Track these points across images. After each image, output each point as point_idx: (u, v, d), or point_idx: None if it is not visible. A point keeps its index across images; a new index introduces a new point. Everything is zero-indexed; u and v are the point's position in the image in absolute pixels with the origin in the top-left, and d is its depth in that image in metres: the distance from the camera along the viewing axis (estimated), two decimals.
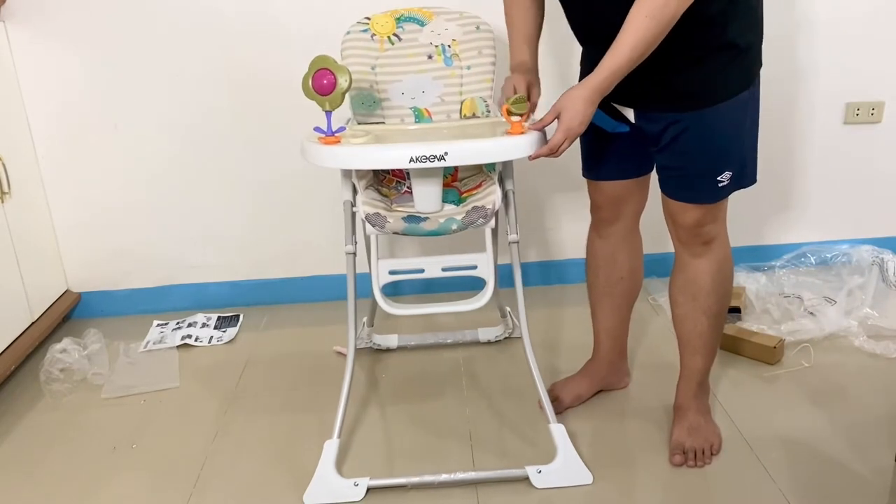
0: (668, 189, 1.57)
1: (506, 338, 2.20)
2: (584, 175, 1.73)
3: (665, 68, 1.42)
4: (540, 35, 1.64)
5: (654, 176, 1.64)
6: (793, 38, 2.35)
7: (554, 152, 1.47)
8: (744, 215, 2.54)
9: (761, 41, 1.49)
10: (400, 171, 1.84)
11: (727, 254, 1.64)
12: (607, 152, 1.65)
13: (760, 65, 1.51)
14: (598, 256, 1.78)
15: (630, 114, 1.56)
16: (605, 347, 1.86)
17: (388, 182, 1.82)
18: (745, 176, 1.56)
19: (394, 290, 2.49)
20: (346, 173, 1.70)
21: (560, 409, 1.81)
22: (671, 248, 1.80)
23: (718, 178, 1.51)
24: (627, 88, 1.43)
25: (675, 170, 1.53)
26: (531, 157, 1.50)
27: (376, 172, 1.84)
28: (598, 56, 1.40)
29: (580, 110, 1.41)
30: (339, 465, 1.64)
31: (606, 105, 1.53)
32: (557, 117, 1.45)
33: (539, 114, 1.67)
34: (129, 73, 2.25)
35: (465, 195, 1.75)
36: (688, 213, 1.55)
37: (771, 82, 2.35)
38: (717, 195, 1.53)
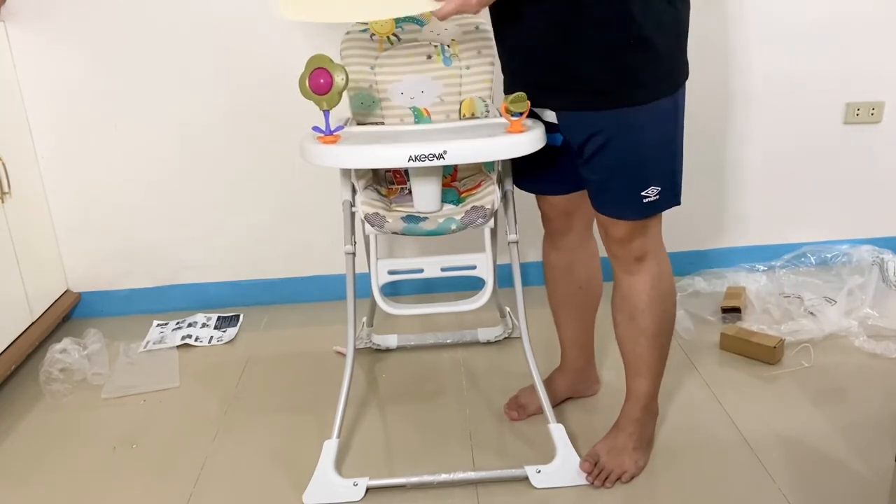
0: (595, 202, 1.51)
1: (505, 338, 2.19)
2: (523, 188, 1.69)
3: (577, 57, 1.38)
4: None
5: None
6: (793, 37, 2.35)
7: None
8: (743, 215, 2.54)
9: (684, 52, 1.44)
10: (401, 175, 1.84)
11: (663, 270, 1.54)
12: (540, 167, 1.59)
13: (686, 76, 1.45)
14: (555, 268, 1.75)
15: (552, 116, 1.51)
16: (571, 356, 1.84)
17: (392, 192, 1.82)
18: (676, 193, 1.48)
19: (393, 290, 2.49)
20: (346, 173, 1.70)
21: (523, 415, 1.81)
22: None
23: (643, 193, 1.44)
24: (543, 79, 1.44)
25: (599, 183, 1.47)
26: (440, 17, 1.36)
27: (376, 175, 1.84)
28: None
29: None
30: (339, 465, 1.64)
31: (530, 114, 1.52)
32: None
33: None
34: (129, 72, 2.25)
35: (464, 195, 1.75)
36: (617, 227, 1.49)
37: (772, 82, 2.39)
38: (643, 211, 1.46)
